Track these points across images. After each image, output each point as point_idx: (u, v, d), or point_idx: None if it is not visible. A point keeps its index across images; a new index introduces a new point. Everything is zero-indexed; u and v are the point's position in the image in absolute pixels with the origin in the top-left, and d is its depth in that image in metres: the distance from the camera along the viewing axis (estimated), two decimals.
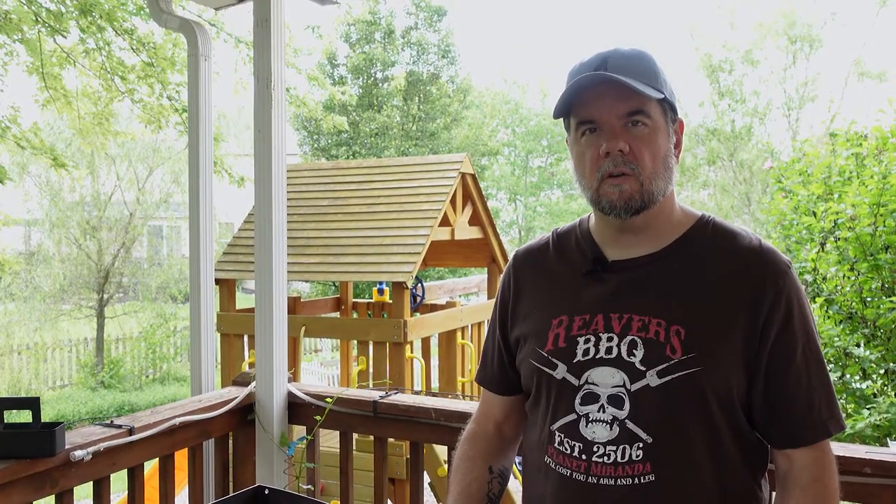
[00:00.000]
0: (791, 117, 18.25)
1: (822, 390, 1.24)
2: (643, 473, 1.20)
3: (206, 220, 2.89)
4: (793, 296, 1.24)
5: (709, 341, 1.21)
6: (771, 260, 1.25)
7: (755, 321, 1.21)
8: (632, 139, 1.23)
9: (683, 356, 1.19)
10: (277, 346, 2.64)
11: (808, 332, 1.24)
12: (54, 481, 2.05)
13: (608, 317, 1.26)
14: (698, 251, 1.28)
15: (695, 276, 1.26)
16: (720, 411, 1.21)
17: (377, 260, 4.76)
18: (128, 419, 2.32)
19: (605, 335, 1.25)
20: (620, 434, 1.21)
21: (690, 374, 1.19)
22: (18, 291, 13.85)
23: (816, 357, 1.25)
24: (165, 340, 14.03)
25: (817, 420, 1.23)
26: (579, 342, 1.26)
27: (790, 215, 5.04)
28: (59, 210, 14.06)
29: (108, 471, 2.20)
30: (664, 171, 1.26)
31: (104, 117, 6.81)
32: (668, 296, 1.24)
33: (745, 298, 1.22)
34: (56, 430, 1.99)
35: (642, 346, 1.22)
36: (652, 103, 1.24)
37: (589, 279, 1.31)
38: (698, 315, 1.22)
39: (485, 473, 1.47)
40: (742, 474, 1.25)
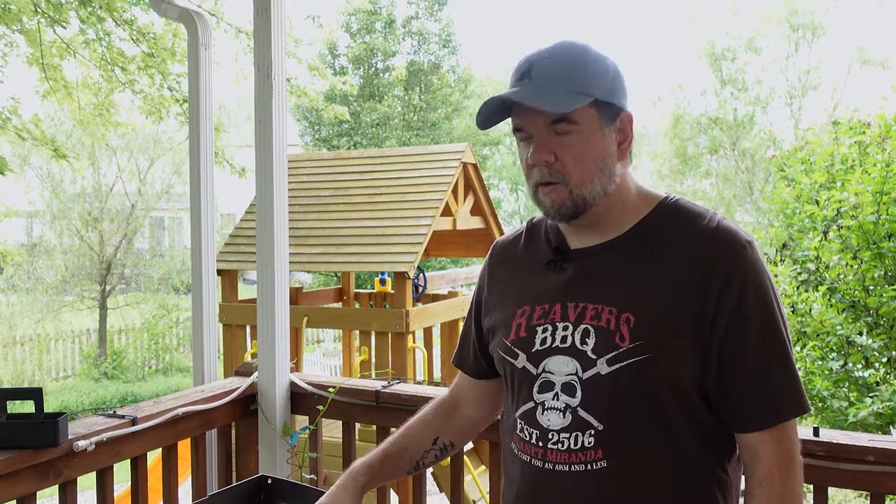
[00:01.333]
0: (793, 106, 18.18)
1: (781, 372, 1.21)
2: (595, 460, 1.22)
3: (208, 210, 2.89)
4: (748, 275, 1.21)
5: (658, 328, 1.20)
6: (725, 240, 1.23)
7: (706, 304, 1.19)
8: (559, 147, 1.23)
9: (632, 344, 1.20)
10: (279, 336, 2.64)
11: (766, 312, 1.21)
12: (57, 471, 2.05)
13: (565, 306, 1.27)
14: (654, 236, 1.27)
15: (648, 261, 1.25)
16: (671, 398, 1.21)
17: (379, 250, 4.76)
18: (130, 409, 2.32)
19: (561, 324, 1.27)
20: (573, 421, 1.23)
21: (638, 361, 1.19)
22: (21, 283, 13.87)
23: (776, 337, 1.21)
24: (168, 331, 14.06)
25: (774, 403, 1.20)
26: (538, 331, 1.28)
27: (793, 204, 5.03)
28: (61, 201, 14.07)
29: (111, 461, 2.21)
30: (599, 174, 1.24)
31: (105, 108, 6.80)
32: (621, 283, 1.25)
33: (696, 281, 1.20)
34: (59, 421, 1.99)
35: (594, 335, 1.23)
36: (579, 108, 1.21)
37: (551, 269, 1.32)
38: (649, 301, 1.22)
39: (426, 442, 1.51)
40: (702, 460, 1.24)
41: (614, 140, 1.26)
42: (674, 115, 17.76)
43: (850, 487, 1.96)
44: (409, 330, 4.53)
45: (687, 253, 1.23)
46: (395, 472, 1.52)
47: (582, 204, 1.24)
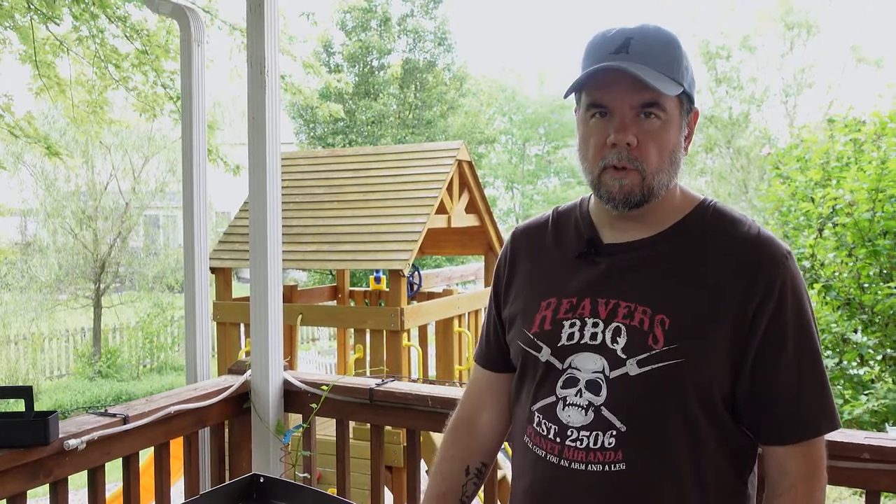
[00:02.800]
0: (788, 104, 18.21)
1: (815, 386, 1.19)
2: (614, 461, 1.18)
3: (201, 207, 2.87)
4: (787, 286, 1.18)
5: (693, 333, 1.17)
6: (767, 248, 1.21)
7: (745, 312, 1.17)
8: (641, 132, 1.18)
9: (665, 347, 1.17)
10: (273, 334, 2.62)
11: (803, 325, 1.19)
12: (48, 470, 2.03)
13: (595, 301, 1.23)
14: (693, 237, 1.24)
15: (687, 263, 1.22)
16: (699, 405, 1.18)
17: (374, 248, 4.74)
18: (122, 408, 2.31)
19: (590, 320, 1.23)
20: (595, 420, 1.20)
21: (671, 365, 1.16)
22: (14, 282, 13.82)
23: (811, 350, 1.20)
24: (162, 330, 14.01)
25: (806, 417, 1.19)
26: (565, 326, 1.25)
27: (788, 201, 5.03)
28: (55, 199, 14.00)
29: (103, 460, 2.19)
30: (670, 166, 1.21)
31: (98, 105, 6.76)
32: (658, 283, 1.21)
33: (735, 288, 1.18)
34: (49, 419, 1.97)
35: (626, 334, 1.20)
36: (671, 98, 1.19)
37: (581, 262, 1.28)
38: (686, 305, 1.19)
39: (461, 477, 1.45)
40: (723, 471, 1.22)
41: (684, 134, 1.25)
42: None
43: (846, 485, 1.96)
44: (404, 328, 4.52)
45: (728, 257, 1.20)
46: None
47: (649, 194, 1.21)
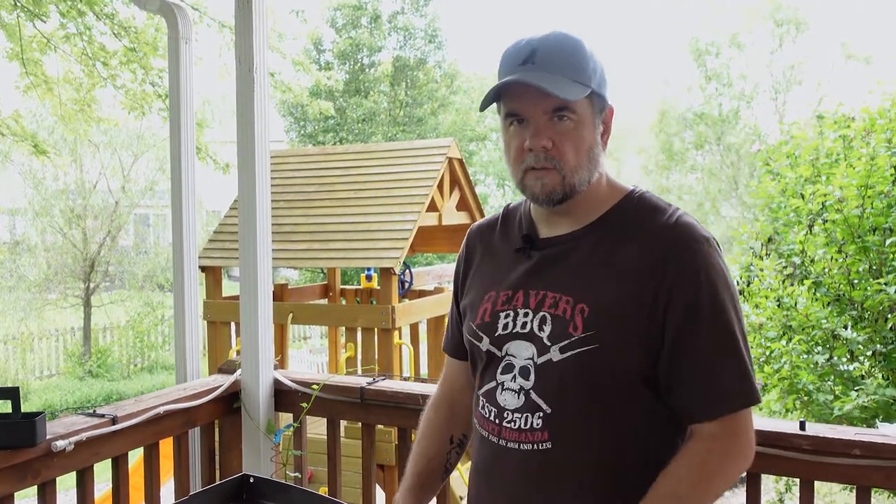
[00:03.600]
0: (778, 101, 18.28)
1: (731, 364, 1.24)
2: (541, 441, 1.27)
3: (190, 205, 2.85)
4: (700, 270, 1.24)
5: (609, 320, 1.24)
6: (681, 234, 1.26)
7: (657, 298, 1.23)
8: (556, 134, 1.27)
9: (583, 333, 1.24)
10: (263, 333, 2.60)
11: (717, 307, 1.24)
12: (35, 472, 2.01)
13: (527, 293, 1.32)
14: (616, 228, 1.31)
15: (608, 253, 1.29)
16: (617, 387, 1.25)
17: (364, 246, 4.73)
18: (111, 408, 2.29)
19: (522, 310, 1.31)
20: (525, 403, 1.29)
21: (587, 350, 1.23)
22: (2, 281, 13.73)
23: (725, 332, 1.24)
24: (153, 329, 13.95)
25: (720, 395, 1.23)
26: (500, 317, 1.34)
27: (778, 198, 5.04)
28: (43, 198, 13.91)
29: (92, 461, 2.17)
30: (588, 163, 1.30)
31: (86, 103, 6.72)
32: (581, 273, 1.29)
33: (649, 275, 1.24)
34: (36, 420, 1.95)
35: (550, 322, 1.28)
36: (580, 100, 1.27)
37: (520, 256, 1.37)
38: (604, 293, 1.26)
39: (445, 445, 1.55)
40: (644, 447, 1.28)
41: (600, 131, 1.32)
42: (659, 110, 17.82)
43: (837, 481, 1.96)
44: (395, 326, 4.51)
45: (644, 246, 1.27)
46: (432, 485, 1.55)
47: (570, 190, 1.29)
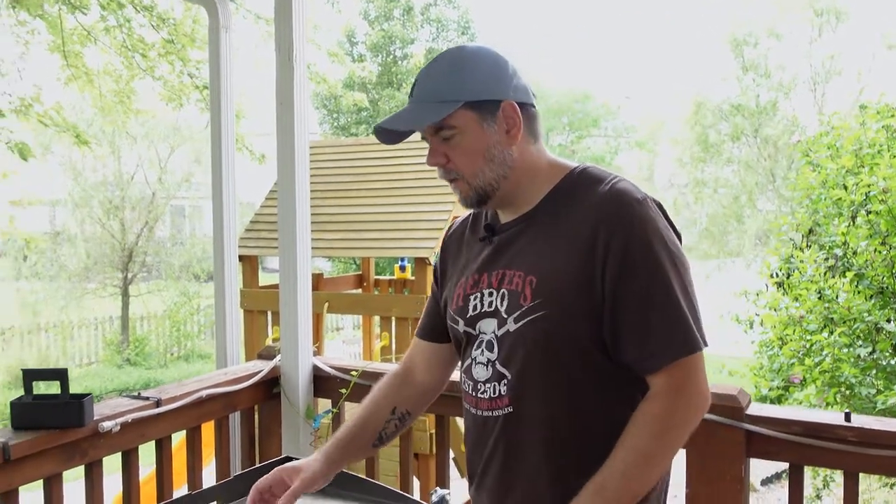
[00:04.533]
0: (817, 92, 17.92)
1: (668, 314, 1.28)
2: (505, 406, 1.36)
3: (230, 194, 2.88)
4: (633, 227, 1.29)
5: (554, 288, 1.31)
6: (615, 198, 1.33)
7: (594, 261, 1.29)
8: (448, 149, 1.38)
9: (532, 303, 1.32)
10: (302, 319, 2.63)
11: (652, 260, 1.28)
12: (83, 452, 2.06)
13: (490, 274, 1.41)
14: (559, 204, 1.39)
15: (551, 228, 1.37)
16: (567, 350, 1.31)
17: (399, 236, 4.74)
18: (155, 391, 2.33)
19: (487, 290, 1.41)
20: (493, 374, 1.38)
21: (536, 318, 1.32)
22: (44, 270, 14.01)
23: (661, 283, 1.28)
24: (189, 318, 14.15)
25: (660, 345, 1.28)
26: (470, 299, 1.43)
27: (818, 189, 4.96)
28: (82, 189, 14.16)
29: (137, 442, 2.22)
30: (489, 164, 1.37)
31: (125, 95, 6.82)
32: (529, 249, 1.38)
33: (588, 241, 1.30)
34: (84, 401, 2.00)
35: (507, 297, 1.37)
36: (454, 113, 1.34)
37: (484, 244, 1.46)
38: (548, 264, 1.33)
39: (386, 413, 1.59)
40: (609, 407, 1.33)
41: (498, 130, 1.37)
42: (695, 101, 17.56)
43: (883, 473, 1.93)
44: None
45: (583, 215, 1.33)
46: (362, 446, 1.59)
47: (483, 193, 1.39)
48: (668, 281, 1.28)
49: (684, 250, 1.37)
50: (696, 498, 2.10)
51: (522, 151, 1.40)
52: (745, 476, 2.05)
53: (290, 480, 1.45)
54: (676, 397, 1.27)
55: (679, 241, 1.35)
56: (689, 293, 1.31)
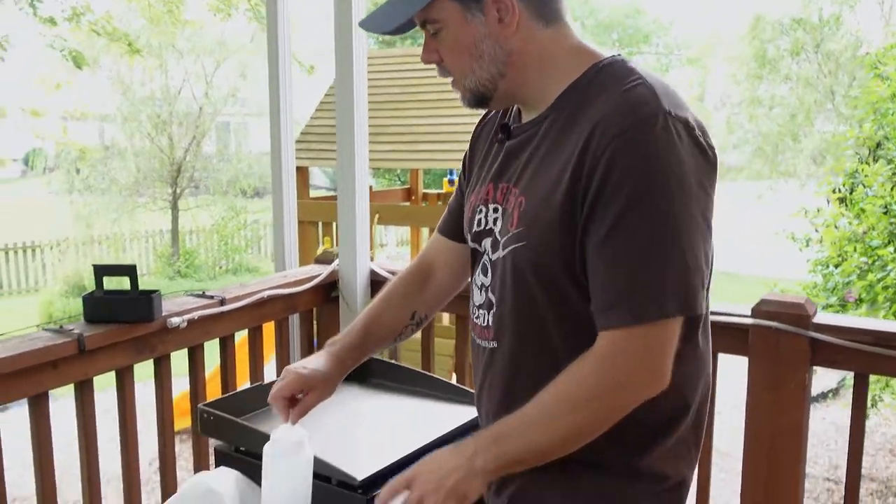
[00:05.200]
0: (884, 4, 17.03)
1: (630, 268, 1.04)
2: (491, 340, 1.24)
3: (287, 102, 2.85)
4: (629, 150, 1.02)
5: (536, 215, 1.13)
6: (624, 108, 1.05)
7: (577, 189, 1.07)
8: (439, 46, 1.20)
9: (516, 229, 1.16)
10: (360, 223, 2.64)
11: (633, 199, 1.02)
12: (153, 346, 2.12)
13: (497, 188, 1.24)
14: (568, 109, 1.14)
15: (556, 138, 1.14)
16: (539, 289, 1.14)
17: (451, 147, 4.70)
18: (219, 291, 2.38)
19: (491, 206, 1.24)
20: (485, 300, 1.24)
21: (517, 248, 1.15)
22: (96, 184, 14.27)
23: (631, 231, 1.03)
24: (236, 233, 14.39)
25: (607, 302, 1.06)
26: (477, 213, 1.27)
27: (886, 103, 4.75)
28: (131, 104, 14.26)
29: (202, 338, 2.27)
30: (478, 61, 1.17)
31: (174, 4, 6.76)
32: (527, 165, 1.18)
33: (578, 162, 1.07)
34: (154, 297, 2.04)
35: (501, 218, 1.20)
36: (435, 5, 1.14)
37: (498, 148, 1.28)
38: (539, 185, 1.13)
39: (405, 318, 1.47)
40: (567, 347, 1.13)
41: (487, 20, 1.15)
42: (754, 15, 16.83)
43: None
44: None
45: (584, 126, 1.08)
46: (375, 349, 1.49)
47: (478, 94, 1.21)
48: (645, 225, 1.03)
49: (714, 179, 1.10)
50: (756, 405, 2.10)
51: (528, 39, 1.15)
52: (808, 384, 2.04)
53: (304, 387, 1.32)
54: (611, 366, 1.06)
55: (709, 175, 1.08)
56: (679, 247, 1.04)
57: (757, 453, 2.12)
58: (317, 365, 1.35)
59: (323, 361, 1.36)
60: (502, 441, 1.07)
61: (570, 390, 1.07)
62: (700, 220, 1.06)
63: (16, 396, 1.85)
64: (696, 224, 1.05)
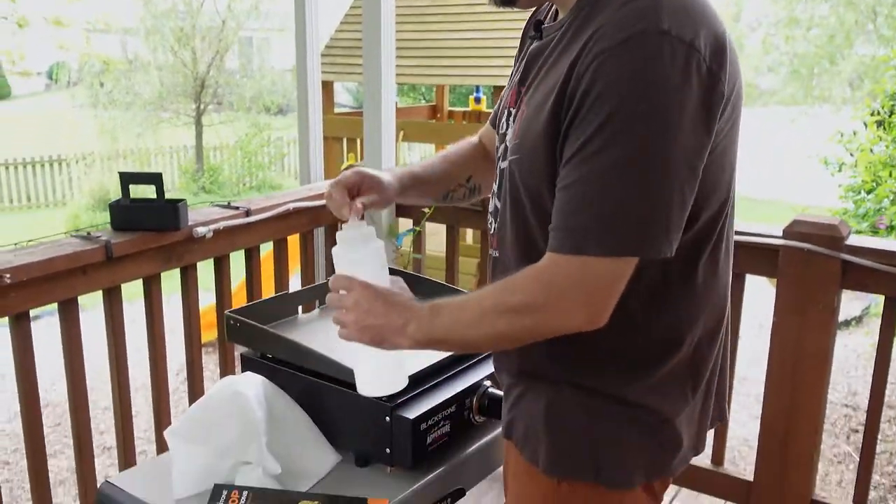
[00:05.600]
0: None
1: (583, 193, 0.95)
2: (496, 247, 1.21)
3: (313, 15, 2.78)
4: (609, 69, 0.92)
5: (529, 128, 1.06)
6: (622, 21, 0.94)
7: (561, 99, 0.99)
8: None
9: (515, 140, 1.09)
10: (386, 139, 2.61)
11: (606, 119, 0.93)
12: (179, 255, 2.14)
13: (519, 90, 1.15)
14: (585, 13, 1.04)
15: (563, 47, 1.05)
16: (529, 200, 1.08)
17: (478, 63, 4.60)
18: (244, 202, 2.38)
19: (513, 109, 1.15)
20: (494, 207, 1.21)
21: (513, 159, 1.10)
22: (120, 98, 14.23)
23: (598, 152, 0.94)
24: (260, 150, 14.36)
25: (555, 224, 0.99)
26: (502, 115, 1.21)
27: None
28: (153, 17, 14.07)
29: (228, 249, 2.28)
30: None
31: None
32: (539, 71, 1.10)
33: (566, 72, 0.98)
34: (179, 206, 2.05)
35: (511, 125, 1.14)
36: None
37: (528, 47, 1.18)
38: (538, 96, 1.06)
39: (462, 177, 1.43)
40: None
41: None
42: None
43: None
44: None
45: (584, 36, 0.99)
46: (429, 192, 1.44)
47: None
48: (613, 152, 0.93)
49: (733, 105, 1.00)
50: (782, 327, 2.09)
51: None
52: (836, 308, 2.01)
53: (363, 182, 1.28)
54: (544, 288, 1.00)
55: (710, 107, 0.96)
56: (647, 182, 0.94)
57: (780, 377, 2.12)
58: (376, 172, 1.31)
59: (382, 172, 1.34)
60: (435, 320, 1.08)
61: (504, 297, 1.03)
62: (682, 156, 0.96)
63: (47, 301, 1.89)
64: (676, 159, 0.95)
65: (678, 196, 0.96)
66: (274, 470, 1.30)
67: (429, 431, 1.34)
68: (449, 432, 1.39)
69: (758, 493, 2.22)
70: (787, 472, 2.15)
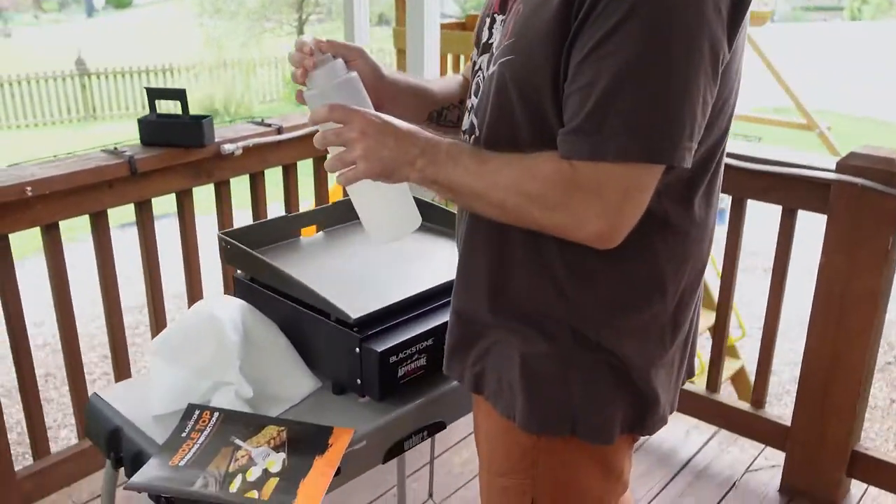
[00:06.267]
0: None
1: (603, 91, 0.87)
2: None
3: None
4: None
5: (528, 21, 0.96)
6: None
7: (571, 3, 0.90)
8: None
9: (509, 40, 0.99)
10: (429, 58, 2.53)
11: (628, 12, 0.85)
12: (209, 172, 2.16)
13: None
14: None
15: None
16: (521, 104, 0.98)
17: None
18: (278, 119, 2.36)
19: (498, 17, 1.06)
20: (468, 125, 1.11)
21: (504, 62, 0.99)
22: (225, 7, 14.46)
23: (618, 47, 0.86)
24: None
25: (569, 126, 0.91)
26: (484, 25, 1.11)
27: None
28: None
29: (260, 167, 2.29)
30: None
31: None
32: None
33: None
34: (203, 122, 2.05)
35: (501, 29, 1.05)
36: None
37: None
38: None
39: (456, 98, 1.28)
40: None
41: None
42: None
43: None
44: None
45: None
46: (419, 104, 1.26)
47: None
48: (635, 48, 0.86)
49: None
50: (829, 267, 1.93)
51: None
52: (890, 248, 1.83)
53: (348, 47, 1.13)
54: (560, 190, 0.93)
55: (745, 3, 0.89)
56: (669, 82, 0.87)
57: (825, 321, 1.97)
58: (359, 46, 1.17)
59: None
60: (449, 166, 0.98)
61: (524, 180, 0.95)
62: (709, 57, 0.87)
63: (75, 213, 1.95)
64: (702, 60, 0.87)
65: (700, 101, 0.89)
66: (246, 393, 1.31)
67: (400, 364, 1.31)
68: (425, 366, 1.36)
69: (794, 440, 2.11)
70: (826, 421, 2.03)
